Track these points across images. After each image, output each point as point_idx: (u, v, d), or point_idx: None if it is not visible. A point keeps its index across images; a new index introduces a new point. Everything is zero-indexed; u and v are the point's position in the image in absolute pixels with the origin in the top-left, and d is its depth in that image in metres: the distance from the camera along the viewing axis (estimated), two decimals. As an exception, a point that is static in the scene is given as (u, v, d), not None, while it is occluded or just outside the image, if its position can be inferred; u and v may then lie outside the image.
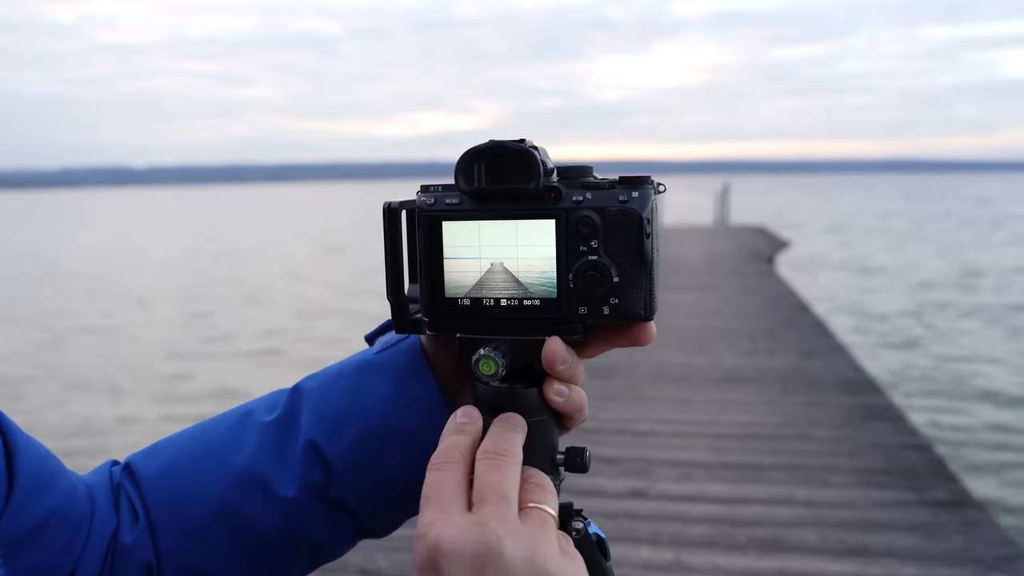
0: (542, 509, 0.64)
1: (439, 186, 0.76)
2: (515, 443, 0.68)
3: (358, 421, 0.81)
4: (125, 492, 0.83)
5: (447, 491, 0.63)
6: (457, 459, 0.66)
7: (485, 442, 0.68)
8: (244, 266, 26.97)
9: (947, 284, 20.54)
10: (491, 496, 0.62)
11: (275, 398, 0.87)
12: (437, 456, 0.66)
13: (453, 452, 0.67)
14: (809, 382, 7.97)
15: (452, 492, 0.63)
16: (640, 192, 0.71)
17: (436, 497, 0.63)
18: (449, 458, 0.66)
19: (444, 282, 0.76)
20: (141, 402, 11.04)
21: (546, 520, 0.63)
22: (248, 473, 0.81)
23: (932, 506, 5.00)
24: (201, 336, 15.58)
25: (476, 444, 0.69)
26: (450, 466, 0.65)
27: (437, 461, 0.66)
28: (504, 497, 0.62)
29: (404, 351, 0.84)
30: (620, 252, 0.71)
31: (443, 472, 0.64)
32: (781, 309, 12.13)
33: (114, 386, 11.80)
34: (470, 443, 0.69)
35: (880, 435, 6.36)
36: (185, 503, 0.81)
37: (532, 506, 0.64)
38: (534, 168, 0.72)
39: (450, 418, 0.71)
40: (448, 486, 0.63)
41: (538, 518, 0.63)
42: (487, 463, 0.65)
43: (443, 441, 0.69)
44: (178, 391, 11.43)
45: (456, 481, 0.64)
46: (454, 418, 0.71)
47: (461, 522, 0.60)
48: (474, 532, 0.59)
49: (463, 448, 0.67)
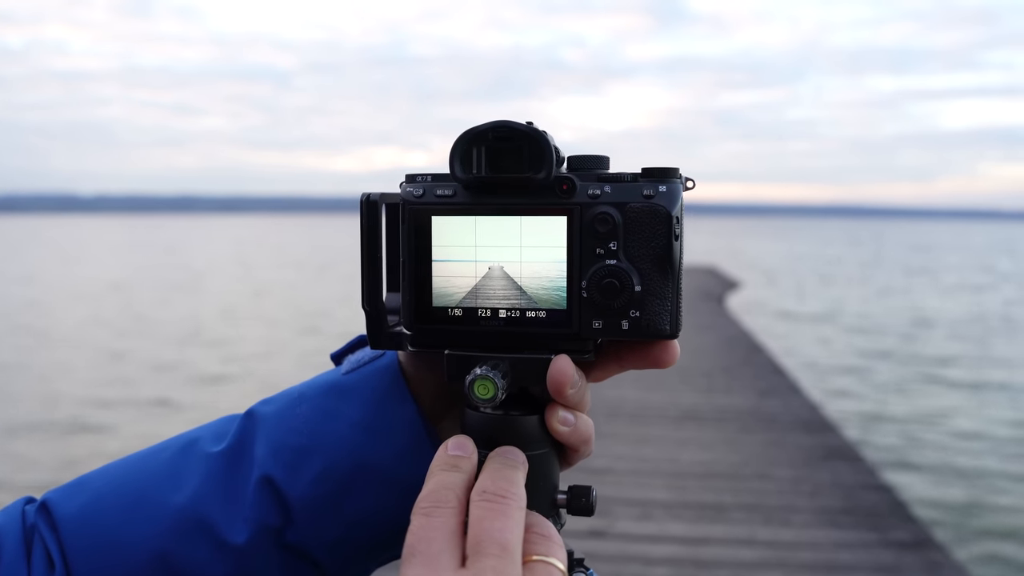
0: (549, 563, 0.56)
1: (428, 175, 0.65)
2: (517, 483, 0.59)
3: (323, 453, 0.72)
4: (39, 536, 0.72)
5: (437, 542, 0.54)
6: (450, 503, 0.57)
7: (482, 480, 0.59)
8: (172, 301, 25.34)
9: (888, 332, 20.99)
10: (491, 548, 0.54)
11: (224, 425, 0.76)
12: (425, 498, 0.58)
13: (445, 495, 0.58)
14: (768, 421, 8.04)
15: (442, 543, 0.55)
16: (668, 186, 0.62)
17: (424, 549, 0.54)
18: (440, 501, 0.57)
19: (432, 288, 0.66)
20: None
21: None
22: (190, 514, 0.70)
23: (895, 547, 5.01)
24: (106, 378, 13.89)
25: (471, 483, 0.59)
26: (441, 511, 0.57)
27: (425, 505, 0.57)
28: (505, 549, 0.54)
29: (379, 371, 0.75)
30: (643, 256, 0.62)
31: (433, 519, 0.56)
32: (736, 348, 12.28)
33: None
34: (464, 482, 0.59)
35: (839, 475, 6.41)
36: (112, 550, 0.71)
37: (537, 559, 0.56)
38: (545, 155, 0.61)
39: (439, 450, 0.62)
40: (438, 535, 0.55)
41: (544, 574, 0.55)
42: (486, 507, 0.56)
43: (431, 479, 0.60)
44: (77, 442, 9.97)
45: (448, 530, 0.56)
46: (444, 449, 0.62)
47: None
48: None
49: (457, 488, 0.59)
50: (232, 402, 10.37)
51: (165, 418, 10.69)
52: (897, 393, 12.90)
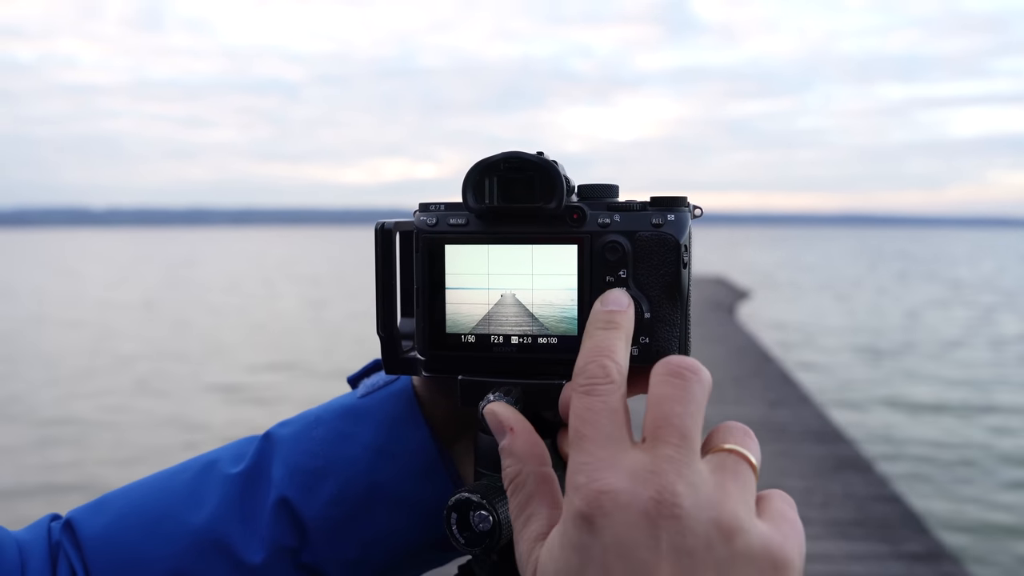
0: (741, 454, 0.50)
1: (442, 204, 0.67)
2: (701, 366, 0.52)
3: (337, 475, 0.73)
4: (64, 553, 0.72)
5: (604, 424, 0.49)
6: (610, 376, 0.51)
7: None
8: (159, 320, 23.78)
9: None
10: (671, 436, 0.48)
11: (243, 447, 0.77)
12: (581, 371, 0.52)
13: (604, 366, 0.52)
14: (778, 431, 7.99)
15: (610, 424, 0.49)
16: (676, 215, 0.63)
17: (591, 433, 0.49)
18: (596, 376, 0.51)
19: (446, 315, 0.67)
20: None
21: (741, 472, 0.49)
22: (208, 534, 0.72)
23: (907, 559, 4.97)
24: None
25: (630, 339, 0.56)
26: (601, 388, 0.51)
27: (583, 381, 0.52)
28: (685, 438, 0.48)
29: (393, 395, 0.75)
30: (653, 283, 0.63)
31: (594, 397, 0.51)
32: (746, 358, 12.20)
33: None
34: (625, 340, 0.55)
35: (851, 486, 6.37)
36: (133, 568, 0.71)
37: (728, 448, 0.50)
38: (556, 185, 0.63)
39: (595, 305, 0.58)
40: (603, 417, 0.50)
41: (732, 468, 0.49)
42: (670, 383, 0.50)
43: (588, 340, 0.54)
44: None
45: (612, 409, 0.50)
46: (600, 304, 0.57)
47: (631, 466, 0.47)
48: (648, 483, 0.46)
49: (615, 353, 0.53)
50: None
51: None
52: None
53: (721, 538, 0.45)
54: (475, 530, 0.59)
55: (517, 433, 0.56)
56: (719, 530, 0.45)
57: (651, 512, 0.45)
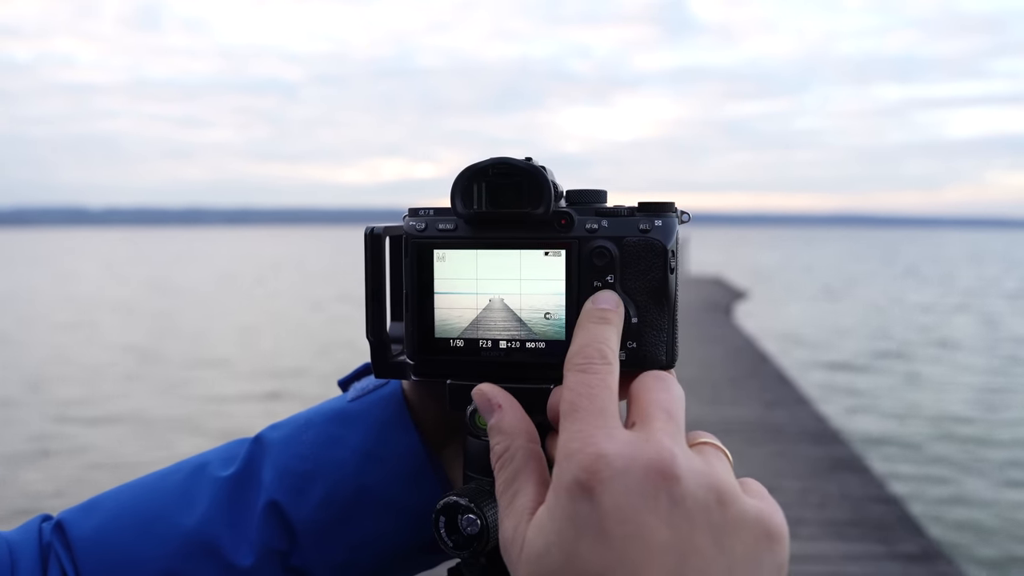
0: (718, 446, 0.53)
1: (431, 209, 0.67)
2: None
3: (326, 479, 0.74)
4: (55, 554, 0.73)
5: (599, 398, 0.51)
6: (606, 358, 0.54)
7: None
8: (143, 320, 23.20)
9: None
10: (658, 414, 0.51)
11: (234, 449, 0.77)
12: (577, 353, 0.55)
13: (600, 349, 0.54)
14: (774, 432, 7.98)
15: (605, 399, 0.51)
16: (664, 221, 0.64)
17: (587, 405, 0.51)
18: (593, 357, 0.54)
19: (434, 320, 0.67)
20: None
21: (722, 458, 0.52)
22: (198, 537, 0.72)
23: (903, 559, 4.98)
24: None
25: (620, 339, 0.58)
26: (598, 367, 0.53)
27: (580, 360, 0.54)
28: (672, 417, 0.51)
29: (383, 399, 0.76)
30: (640, 289, 0.63)
31: (590, 375, 0.53)
32: (742, 359, 12.20)
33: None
34: (617, 335, 0.58)
35: (847, 486, 6.37)
36: (124, 569, 0.72)
37: (705, 441, 0.53)
38: (544, 190, 0.63)
39: (587, 303, 0.60)
40: (599, 391, 0.51)
41: (714, 454, 0.52)
42: (654, 382, 0.54)
43: (581, 331, 0.57)
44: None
45: (607, 386, 0.52)
46: (592, 303, 0.60)
47: (625, 436, 0.48)
48: (645, 448, 0.47)
49: (610, 342, 0.56)
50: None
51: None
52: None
53: (717, 503, 0.46)
54: (463, 533, 0.59)
55: (505, 409, 0.58)
56: (716, 495, 0.46)
57: (651, 474, 0.46)
